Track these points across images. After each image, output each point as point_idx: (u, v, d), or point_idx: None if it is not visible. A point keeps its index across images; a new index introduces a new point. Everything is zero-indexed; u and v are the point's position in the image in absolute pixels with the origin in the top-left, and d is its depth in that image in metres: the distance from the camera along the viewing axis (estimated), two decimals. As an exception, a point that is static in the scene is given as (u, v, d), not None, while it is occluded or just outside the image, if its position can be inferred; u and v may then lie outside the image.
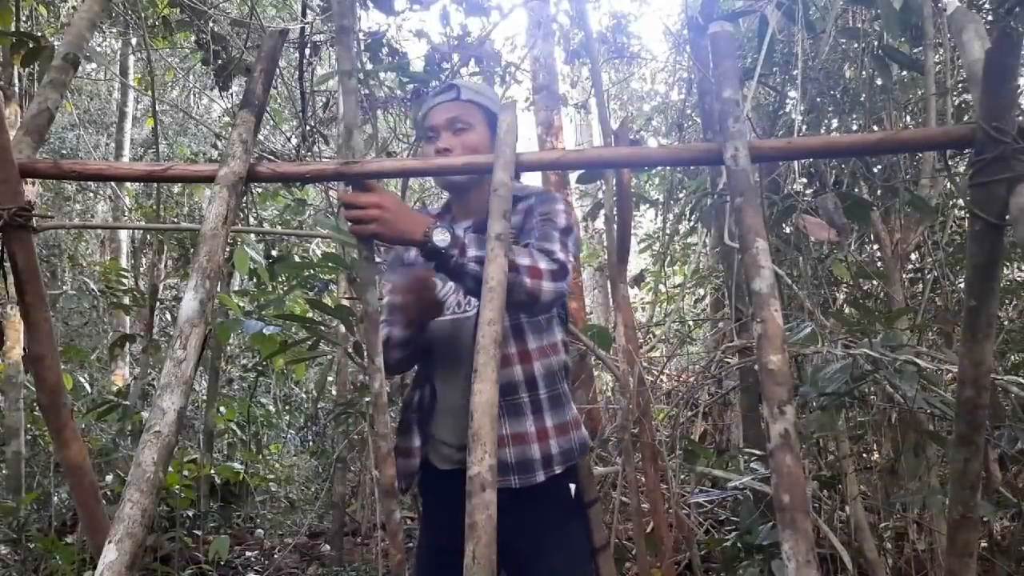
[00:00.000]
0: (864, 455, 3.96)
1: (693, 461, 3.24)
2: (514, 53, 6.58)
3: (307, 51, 4.73)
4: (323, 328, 3.47)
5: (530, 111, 7.43)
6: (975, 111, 1.50)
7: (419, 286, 1.78)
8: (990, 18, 3.61)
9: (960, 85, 3.64)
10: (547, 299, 1.64)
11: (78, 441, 1.82)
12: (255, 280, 4.33)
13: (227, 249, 2.06)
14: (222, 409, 5.10)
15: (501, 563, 1.83)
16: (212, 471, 4.67)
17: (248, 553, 4.79)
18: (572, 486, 1.81)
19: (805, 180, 3.87)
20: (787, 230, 3.57)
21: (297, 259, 4.74)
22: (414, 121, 4.35)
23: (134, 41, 7.65)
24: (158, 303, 5.19)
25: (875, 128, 3.71)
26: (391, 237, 1.59)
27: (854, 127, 3.94)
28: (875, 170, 3.52)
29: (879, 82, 3.38)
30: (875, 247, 4.25)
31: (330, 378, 5.57)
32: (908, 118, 4.09)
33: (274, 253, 4.65)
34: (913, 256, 4.17)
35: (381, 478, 1.72)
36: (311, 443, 7.00)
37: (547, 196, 1.86)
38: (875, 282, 3.97)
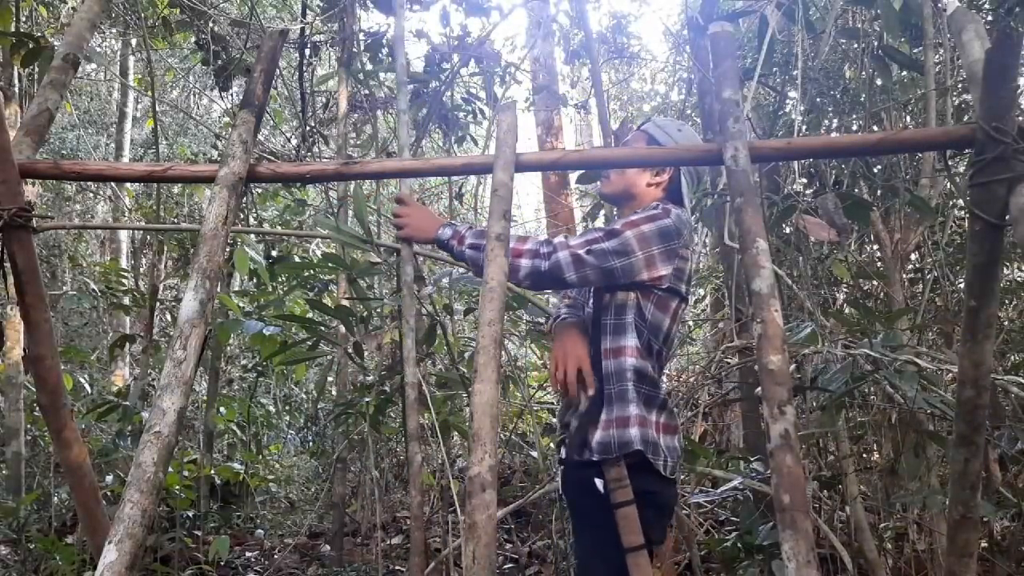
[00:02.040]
0: (864, 455, 3.96)
1: (693, 461, 3.24)
2: (514, 53, 6.57)
3: (307, 51, 4.73)
4: (323, 328, 3.47)
5: (530, 111, 7.44)
6: (975, 111, 1.50)
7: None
8: (990, 18, 3.61)
9: (960, 85, 3.64)
10: (523, 274, 1.84)
11: (78, 442, 1.82)
12: (255, 280, 4.33)
13: (227, 249, 2.08)
14: (222, 409, 5.09)
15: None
16: (212, 471, 4.67)
17: (248, 553, 4.79)
18: (600, 482, 1.89)
19: (805, 180, 3.86)
20: (787, 230, 3.57)
21: (297, 259, 4.74)
22: (414, 121, 4.35)
23: (134, 41, 7.65)
24: (158, 303, 5.19)
25: (875, 128, 3.70)
26: (416, 237, 2.03)
27: (854, 127, 3.94)
28: (875, 170, 3.52)
29: (879, 82, 3.38)
30: (875, 247, 4.25)
31: (330, 378, 5.57)
32: (908, 118, 4.09)
33: (274, 253, 4.64)
34: (913, 256, 4.17)
35: (408, 422, 2.04)
36: (311, 443, 6.99)
37: (649, 207, 1.99)
38: (875, 282, 3.97)
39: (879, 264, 3.97)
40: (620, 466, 1.86)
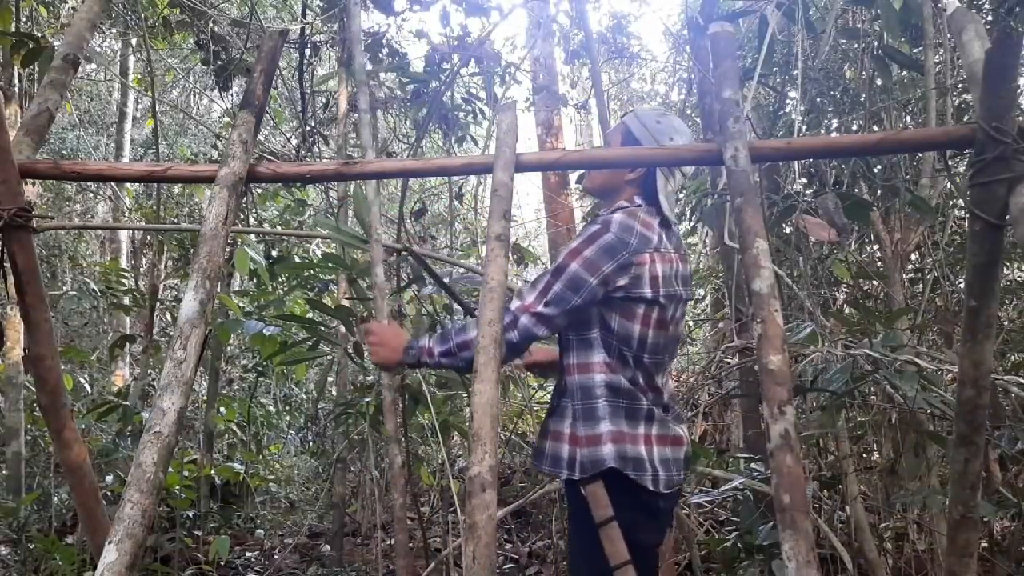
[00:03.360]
0: (864, 455, 3.96)
1: (693, 461, 3.24)
2: (514, 53, 6.57)
3: (307, 51, 4.73)
4: (323, 328, 3.47)
5: (530, 111, 7.44)
6: (975, 111, 1.50)
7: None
8: (990, 18, 3.61)
9: (960, 85, 3.64)
10: (507, 355, 1.85)
11: (78, 442, 1.82)
12: (255, 280, 4.33)
13: (227, 249, 2.09)
14: (222, 409, 5.09)
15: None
16: (212, 471, 4.67)
17: (248, 554, 4.79)
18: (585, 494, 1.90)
19: (805, 180, 3.86)
20: (787, 230, 3.57)
21: (297, 259, 4.74)
22: (414, 121, 4.35)
23: (134, 41, 7.65)
24: (158, 303, 5.19)
25: (875, 128, 3.70)
26: (384, 364, 2.03)
27: (854, 127, 3.94)
28: (875, 170, 3.52)
29: (879, 82, 3.38)
30: (875, 247, 4.25)
31: (330, 378, 5.57)
32: (908, 118, 4.09)
33: (274, 253, 4.64)
34: (913, 256, 4.17)
35: (386, 424, 2.13)
36: (311, 443, 6.99)
37: (591, 223, 1.97)
38: (875, 282, 3.97)
39: (879, 264, 3.97)
40: (598, 486, 1.83)
